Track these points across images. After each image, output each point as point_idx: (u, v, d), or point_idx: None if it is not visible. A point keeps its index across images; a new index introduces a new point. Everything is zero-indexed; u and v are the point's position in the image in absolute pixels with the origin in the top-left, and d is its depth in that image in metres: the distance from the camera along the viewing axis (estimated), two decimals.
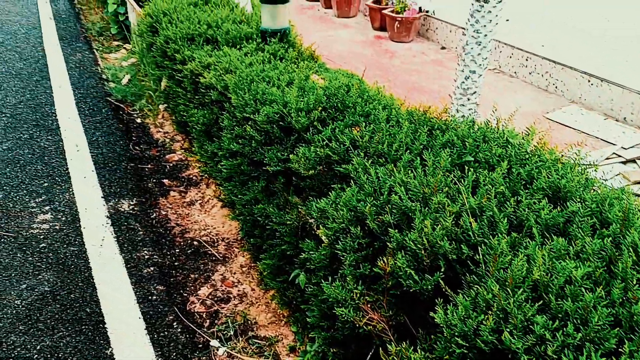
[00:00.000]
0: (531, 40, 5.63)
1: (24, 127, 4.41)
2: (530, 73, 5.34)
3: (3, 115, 4.62)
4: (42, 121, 4.52)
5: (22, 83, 5.32)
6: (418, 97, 5.11)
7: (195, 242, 3.09)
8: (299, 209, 2.24)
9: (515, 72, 5.52)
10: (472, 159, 1.97)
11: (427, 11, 6.76)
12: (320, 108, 2.41)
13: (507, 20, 5.57)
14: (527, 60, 5.34)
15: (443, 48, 6.53)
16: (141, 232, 3.16)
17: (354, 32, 7.28)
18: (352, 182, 1.98)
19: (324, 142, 2.19)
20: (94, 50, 6.36)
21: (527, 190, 1.77)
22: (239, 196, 2.67)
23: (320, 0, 8.69)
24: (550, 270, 1.43)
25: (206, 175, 3.59)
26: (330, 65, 5.98)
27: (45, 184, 3.63)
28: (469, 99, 3.05)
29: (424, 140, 2.10)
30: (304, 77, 2.90)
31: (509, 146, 2.03)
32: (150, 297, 2.71)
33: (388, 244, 1.70)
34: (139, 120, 4.62)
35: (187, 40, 3.83)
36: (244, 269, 2.89)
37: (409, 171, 1.91)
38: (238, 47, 3.59)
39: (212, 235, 3.14)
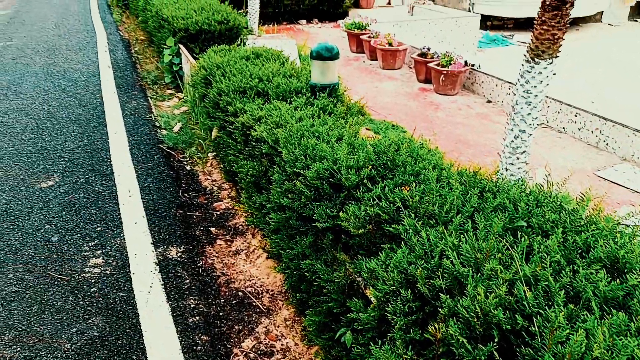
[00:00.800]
0: (580, 96, 5.58)
1: (80, 172, 4.60)
2: (579, 129, 5.27)
3: (62, 159, 4.84)
4: (97, 166, 4.72)
5: (80, 129, 5.59)
6: (464, 151, 5.10)
7: (240, 293, 3.12)
8: (347, 267, 2.25)
9: (563, 128, 5.46)
10: (525, 224, 1.94)
11: (472, 65, 6.81)
12: (370, 166, 2.44)
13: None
14: (576, 116, 5.29)
15: (489, 101, 6.53)
16: (188, 281, 3.21)
17: (399, 84, 7.38)
18: (402, 243, 1.98)
19: (374, 201, 2.21)
20: (148, 98, 6.64)
21: (583, 260, 1.73)
22: (287, 250, 2.69)
23: (365, 52, 8.89)
24: (611, 348, 1.38)
25: (252, 225, 3.64)
26: (375, 117, 6.07)
27: (98, 228, 3.75)
28: (518, 158, 3.03)
29: (475, 202, 2.10)
30: (353, 133, 2.96)
31: (563, 212, 2.00)
32: (195, 347, 2.72)
33: (439, 309, 1.68)
34: (188, 168, 4.76)
35: (239, 92, 3.96)
36: (287, 322, 2.88)
37: (461, 235, 1.90)
38: (288, 100, 3.69)
39: (257, 287, 3.16)
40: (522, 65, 2.96)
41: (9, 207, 4.03)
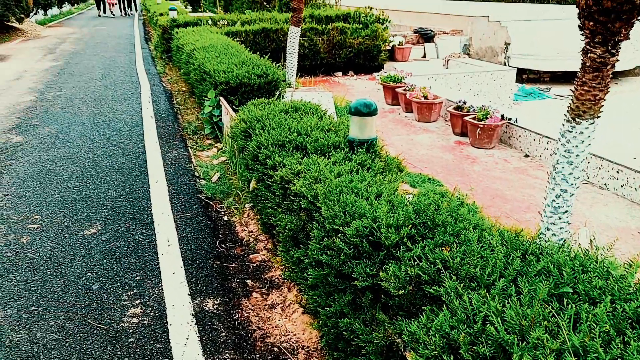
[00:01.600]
0: (622, 151, 5.49)
1: (122, 220, 4.72)
2: (622, 186, 5.16)
3: (104, 207, 4.99)
4: (138, 215, 4.83)
5: (123, 177, 5.76)
6: (501, 206, 5.04)
7: (275, 349, 3.09)
8: (387, 328, 2.22)
9: (605, 184, 5.36)
10: (571, 290, 1.90)
11: (509, 119, 6.80)
12: (410, 225, 2.44)
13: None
14: (618, 172, 5.19)
15: (526, 156, 6.48)
16: (224, 334, 3.21)
17: (434, 137, 7.41)
18: (444, 305, 1.96)
19: (415, 262, 2.20)
20: (188, 148, 6.83)
21: (634, 331, 1.67)
22: (324, 307, 2.68)
23: (401, 104, 8.99)
24: None
25: (288, 279, 3.64)
26: (411, 169, 6.08)
27: (138, 278, 3.81)
28: (560, 218, 2.98)
29: (518, 265, 2.06)
30: (392, 190, 2.97)
31: (611, 278, 1.95)
32: None
33: None
34: (225, 218, 4.83)
35: (278, 146, 4.05)
36: None
37: (504, 299, 1.86)
38: (326, 155, 3.74)
39: (293, 342, 3.14)
40: (563, 124, 2.95)
41: (53, 253, 4.14)
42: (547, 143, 6.15)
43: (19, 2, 19.55)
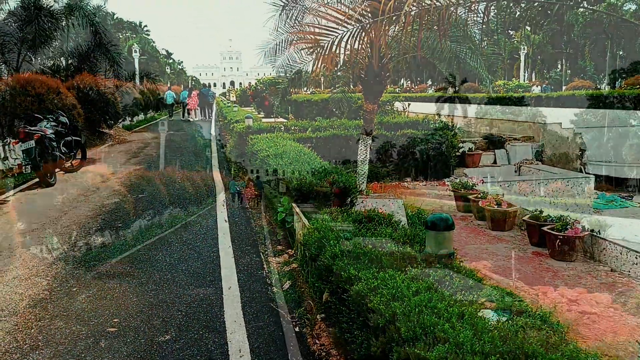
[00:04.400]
0: None
1: (195, 328, 4.74)
2: None
3: (179, 312, 5.05)
4: (211, 322, 4.85)
5: (197, 282, 5.87)
6: (591, 325, 4.69)
7: None
8: None
9: None
10: None
11: (591, 230, 6.51)
12: (497, 354, 2.31)
13: None
14: None
15: (613, 270, 6.10)
16: None
17: (510, 247, 7.17)
18: None
19: None
20: (260, 254, 6.92)
21: None
22: None
23: (473, 212, 8.85)
24: None
25: None
26: (487, 281, 5.84)
27: None
28: None
29: None
30: (474, 311, 2.85)
31: None
32: None
33: None
34: (297, 329, 4.75)
35: (352, 258, 4.04)
36: None
37: None
38: (402, 270, 3.69)
39: None
40: None
41: None
42: (637, 257, 5.79)
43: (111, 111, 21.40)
